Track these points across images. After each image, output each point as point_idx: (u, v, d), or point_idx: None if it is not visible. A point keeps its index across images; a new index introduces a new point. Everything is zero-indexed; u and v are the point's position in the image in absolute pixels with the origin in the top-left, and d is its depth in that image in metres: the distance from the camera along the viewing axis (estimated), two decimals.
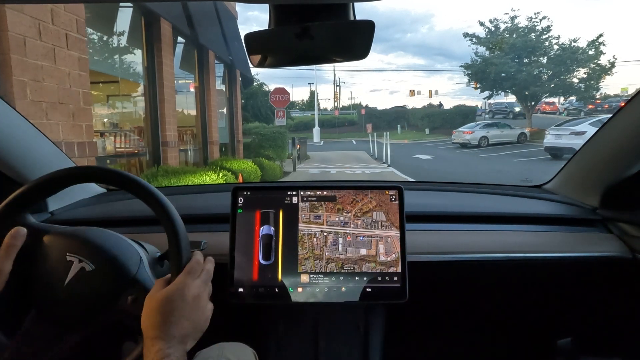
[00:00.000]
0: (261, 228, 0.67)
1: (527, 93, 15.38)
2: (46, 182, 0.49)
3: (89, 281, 0.47)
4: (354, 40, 0.51)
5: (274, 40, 0.51)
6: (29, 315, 0.47)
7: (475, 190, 0.96)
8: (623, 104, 0.71)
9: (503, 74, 15.31)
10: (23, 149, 0.73)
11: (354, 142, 17.47)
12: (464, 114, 18.79)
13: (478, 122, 14.82)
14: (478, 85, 16.76)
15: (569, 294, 0.84)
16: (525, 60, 15.51)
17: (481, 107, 20.54)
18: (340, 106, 29.58)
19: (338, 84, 30.29)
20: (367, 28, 0.47)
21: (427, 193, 0.95)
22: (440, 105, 24.18)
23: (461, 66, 16.82)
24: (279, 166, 7.13)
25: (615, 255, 0.72)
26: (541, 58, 15.51)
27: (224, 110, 7.08)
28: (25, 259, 0.47)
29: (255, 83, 12.65)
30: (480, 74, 16.12)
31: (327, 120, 22.71)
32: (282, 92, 8.67)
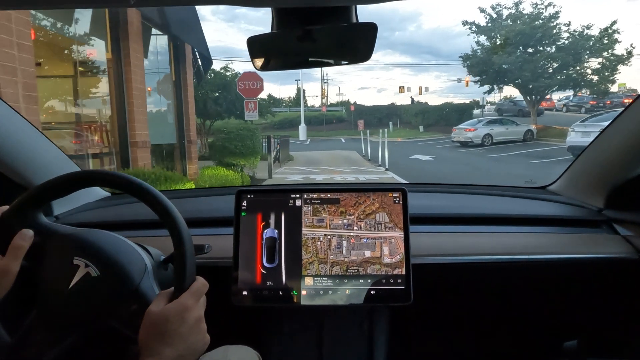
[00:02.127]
0: (265, 231, 0.80)
1: (532, 86, 16.13)
2: (51, 187, 0.59)
3: (93, 287, 0.57)
4: (357, 43, 0.63)
5: (277, 43, 0.62)
6: (30, 316, 0.57)
7: (479, 192, 1.12)
8: (627, 100, 0.91)
9: (506, 66, 16.10)
10: (28, 153, 0.86)
11: (343, 141, 19.22)
12: (460, 111, 20.60)
13: (480, 119, 15.71)
14: (477, 79, 17.48)
15: (575, 296, 0.98)
16: (530, 50, 16.25)
17: (479, 103, 22.87)
18: (328, 103, 31.44)
19: (326, 81, 32.12)
20: (369, 30, 0.59)
21: (430, 195, 1.11)
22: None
23: (460, 57, 17.84)
24: (240, 176, 6.73)
25: (621, 257, 0.86)
26: (549, 48, 16.15)
27: (171, 101, 6.31)
28: (33, 258, 0.57)
29: (229, 72, 12.56)
30: (482, 66, 16.94)
31: (314, 117, 24.80)
32: (252, 77, 7.65)
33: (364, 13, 0.58)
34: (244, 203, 0.81)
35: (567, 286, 0.96)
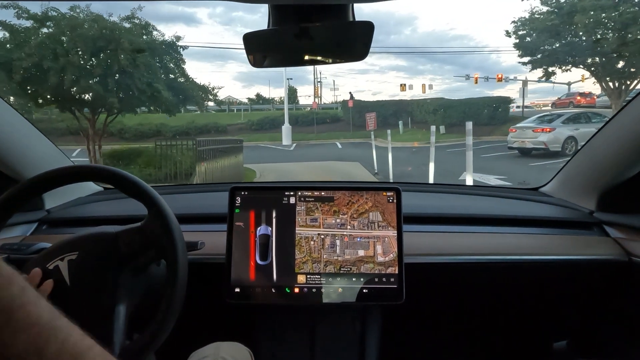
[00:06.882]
0: (258, 228, 0.84)
1: (625, 64, 10.37)
2: (38, 182, 0.63)
3: (85, 264, 0.61)
4: (353, 41, 0.67)
5: (273, 40, 0.66)
6: None
7: (472, 193, 1.19)
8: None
9: (594, 33, 10.11)
10: (21, 147, 0.91)
11: (340, 146, 15.07)
12: (493, 106, 16.99)
13: (551, 113, 11.27)
14: (527, 60, 12.43)
15: (565, 297, 1.03)
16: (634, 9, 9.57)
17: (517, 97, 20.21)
18: (322, 103, 29.38)
19: (319, 80, 30.92)
20: (366, 29, 0.62)
21: (423, 195, 1.18)
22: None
23: (513, 22, 12.60)
24: None
25: (611, 259, 0.92)
26: None
27: None
28: None
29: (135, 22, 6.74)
30: (544, 35, 11.75)
31: (303, 116, 21.51)
32: None
33: (361, 15, 0.61)
34: (238, 200, 0.86)
35: (557, 287, 1.01)
